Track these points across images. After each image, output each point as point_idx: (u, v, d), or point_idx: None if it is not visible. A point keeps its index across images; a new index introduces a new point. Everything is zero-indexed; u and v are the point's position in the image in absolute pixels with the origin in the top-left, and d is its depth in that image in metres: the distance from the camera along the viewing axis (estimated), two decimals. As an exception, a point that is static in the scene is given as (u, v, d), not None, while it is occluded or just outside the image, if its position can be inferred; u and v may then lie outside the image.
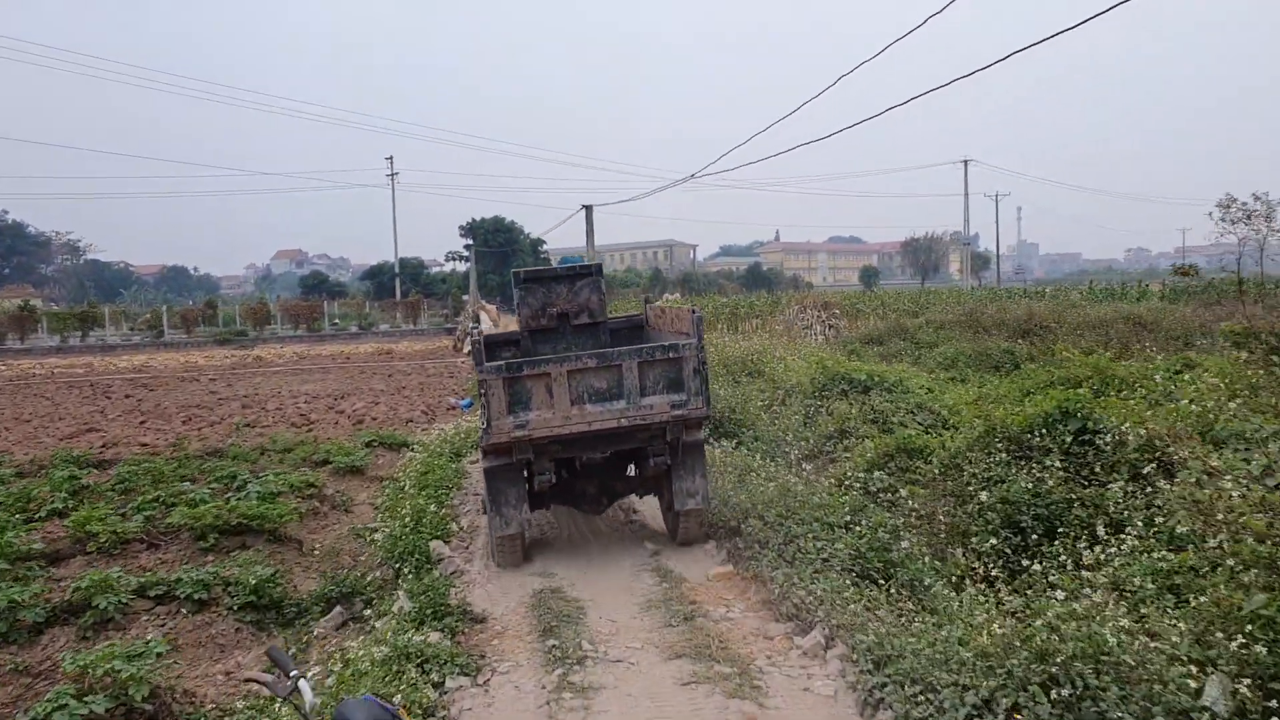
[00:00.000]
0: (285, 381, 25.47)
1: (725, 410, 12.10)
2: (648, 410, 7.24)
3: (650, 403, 7.26)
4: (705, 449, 8.04)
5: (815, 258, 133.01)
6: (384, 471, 12.15)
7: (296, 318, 53.79)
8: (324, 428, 16.23)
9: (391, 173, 75.99)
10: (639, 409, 7.21)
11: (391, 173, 75.99)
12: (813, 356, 18.56)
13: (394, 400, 20.20)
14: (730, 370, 16.94)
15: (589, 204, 20.50)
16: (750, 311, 36.97)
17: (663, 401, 7.30)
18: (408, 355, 34.50)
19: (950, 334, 25.63)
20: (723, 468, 9.68)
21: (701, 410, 7.52)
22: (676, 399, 7.35)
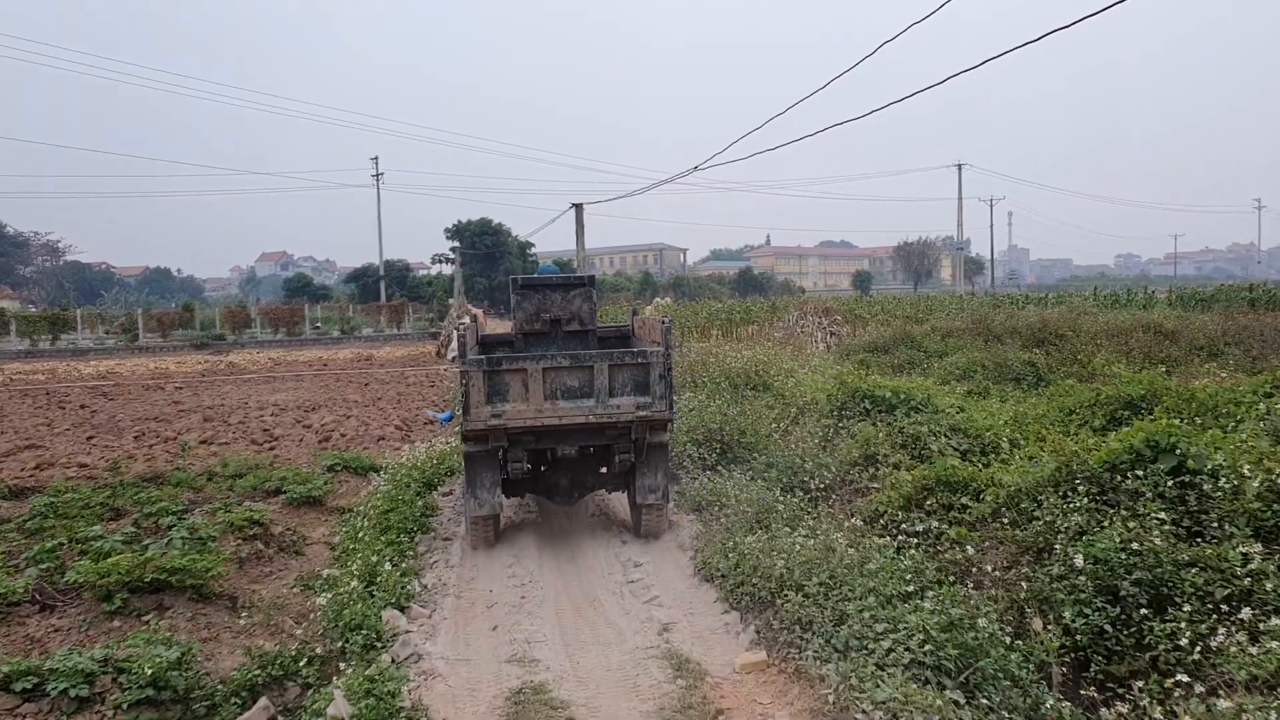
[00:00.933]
0: (255, 390, 23.90)
1: (734, 433, 10.66)
2: (615, 410, 7.72)
3: (618, 403, 7.74)
4: (668, 448, 8.47)
5: (806, 262, 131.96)
6: (346, 501, 10.66)
7: (276, 321, 52.11)
8: (287, 445, 14.71)
9: (376, 173, 74.52)
10: (607, 408, 7.70)
11: (376, 173, 74.52)
12: (826, 370, 17.16)
13: (367, 413, 18.68)
14: (733, 383, 15.51)
15: (579, 202, 19.08)
16: (746, 317, 35.59)
17: (629, 402, 7.78)
18: (388, 362, 32.93)
19: (959, 342, 24.35)
20: (737, 506, 8.23)
21: (665, 413, 7.99)
22: (642, 401, 7.82)
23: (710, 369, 17.07)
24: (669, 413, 8.05)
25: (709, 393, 15.25)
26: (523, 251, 75.20)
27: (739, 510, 7.97)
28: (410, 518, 8.34)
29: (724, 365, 16.64)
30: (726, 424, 10.51)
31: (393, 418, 17.56)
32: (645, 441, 7.93)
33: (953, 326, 26.45)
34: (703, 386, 15.93)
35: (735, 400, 14.69)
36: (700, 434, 10.52)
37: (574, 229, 28.28)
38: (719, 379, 15.96)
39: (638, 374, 7.88)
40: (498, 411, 7.54)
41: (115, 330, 50.83)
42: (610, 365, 7.75)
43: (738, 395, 15.24)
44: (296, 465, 12.17)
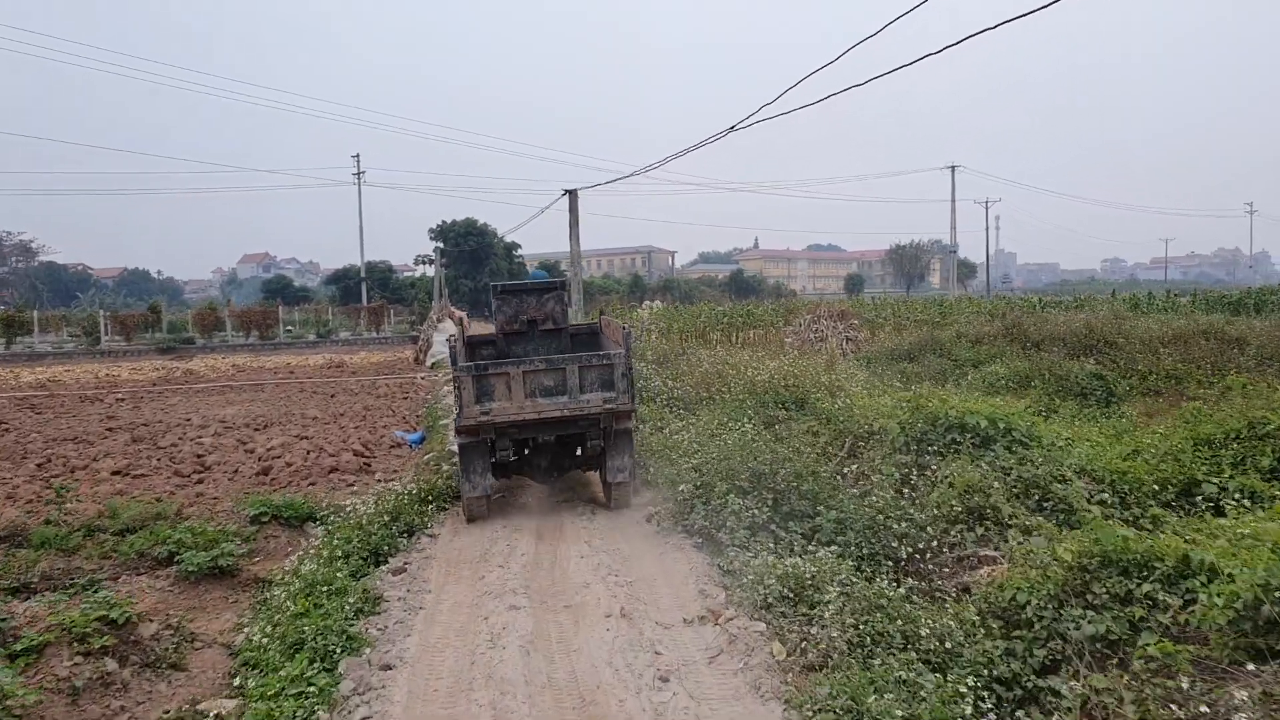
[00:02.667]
0: (206, 403, 20.98)
1: (789, 478, 7.88)
2: (585, 404, 8.75)
3: (587, 398, 8.77)
4: (632, 434, 9.45)
5: (795, 265, 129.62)
6: (271, 565, 7.87)
7: (249, 324, 49.01)
8: (217, 479, 11.88)
9: (358, 171, 71.44)
10: (578, 402, 8.74)
11: (358, 171, 71.44)
12: (857, 379, 14.45)
13: (326, 433, 15.84)
14: (760, 400, 12.79)
15: (572, 188, 16.37)
16: (747, 321, 32.91)
17: (597, 397, 8.80)
18: (362, 368, 30.02)
19: (992, 349, 21.76)
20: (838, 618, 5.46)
21: (628, 405, 9.04)
22: (608, 395, 8.84)
23: (729, 382, 14.36)
24: (631, 405, 9.15)
25: (732, 413, 12.53)
26: (509, 252, 72.29)
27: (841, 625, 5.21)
28: (335, 625, 5.50)
29: (747, 378, 13.93)
30: (779, 465, 7.76)
31: (353, 439, 14.71)
32: (612, 429, 8.99)
33: (982, 332, 23.86)
34: (723, 404, 13.20)
35: (765, 422, 11.99)
36: (744, 478, 7.77)
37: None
38: (742, 395, 13.25)
39: (604, 373, 8.91)
40: (486, 409, 8.58)
41: (78, 333, 47.59)
42: (580, 366, 8.84)
43: (766, 414, 12.54)
44: (215, 512, 9.34)
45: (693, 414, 13.68)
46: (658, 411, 13.53)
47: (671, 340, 28.34)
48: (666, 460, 9.74)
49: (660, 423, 12.59)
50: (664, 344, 22.63)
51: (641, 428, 12.40)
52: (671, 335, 29.11)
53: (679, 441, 10.73)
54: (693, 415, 13.52)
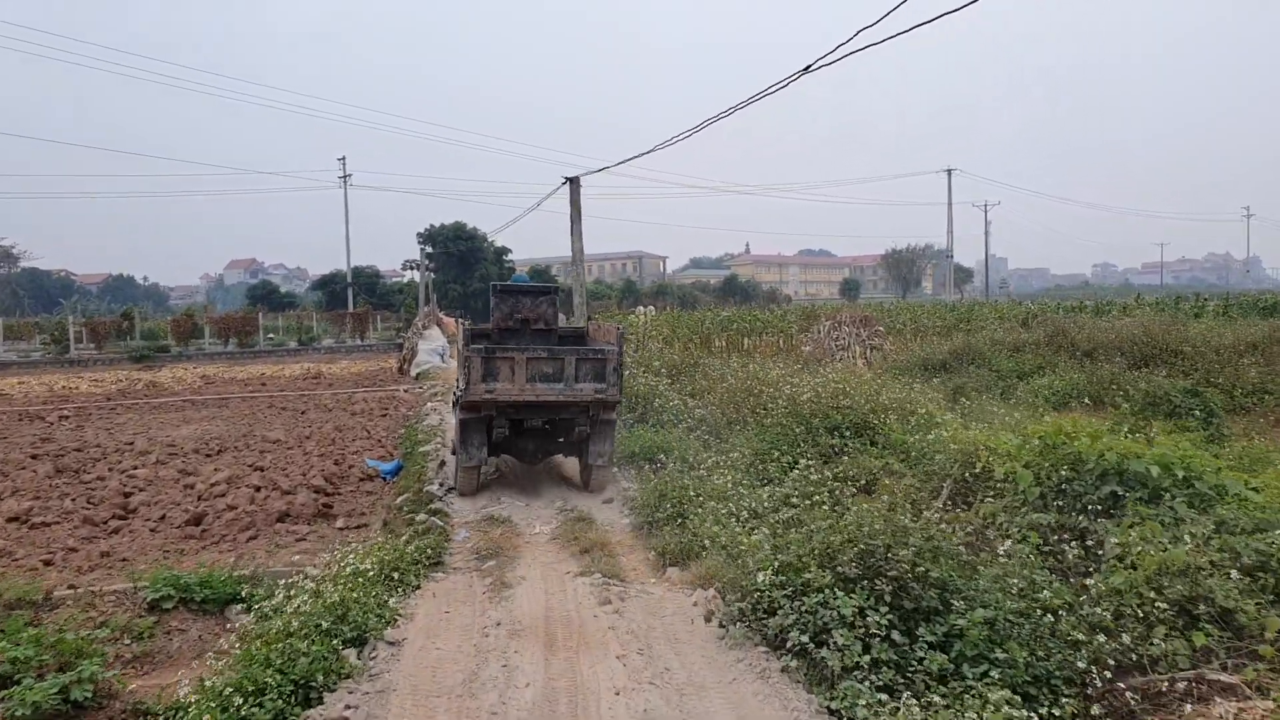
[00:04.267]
0: (159, 421, 18.41)
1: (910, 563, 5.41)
2: (578, 392, 9.36)
3: (580, 387, 9.37)
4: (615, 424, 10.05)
5: (787, 271, 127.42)
6: (163, 683, 5.40)
7: (227, 331, 46.24)
8: (135, 531, 9.38)
9: (344, 174, 68.88)
10: (572, 390, 9.34)
11: (344, 174, 68.88)
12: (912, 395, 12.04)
13: (287, 459, 13.35)
14: (808, 426, 10.40)
15: (573, 175, 13.96)
16: (753, 327, 30.51)
17: (589, 387, 9.40)
18: (341, 379, 27.45)
19: (1037, 358, 19.47)
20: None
21: (616, 397, 9.62)
22: (599, 386, 9.43)
23: (764, 401, 11.94)
24: (619, 397, 9.73)
25: (774, 441, 10.11)
26: (499, 257, 69.70)
27: None
28: None
29: (786, 396, 11.50)
30: (895, 543, 5.29)
31: (316, 471, 12.22)
32: (599, 418, 9.65)
33: (1020, 340, 21.55)
34: (762, 430, 10.79)
35: (821, 455, 9.59)
36: (851, 564, 5.27)
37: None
38: (784, 419, 10.83)
39: (597, 366, 9.45)
40: (490, 388, 9.17)
41: (47, 341, 44.76)
42: (577, 359, 9.40)
43: (818, 445, 10.13)
44: (102, 596, 6.84)
45: (724, 441, 11.27)
46: (682, 439, 11.08)
47: (676, 348, 25.93)
48: (716, 519, 7.30)
49: (690, 456, 10.14)
50: (670, 353, 20.21)
51: (667, 462, 9.99)
52: (674, 342, 26.73)
53: (721, 487, 8.29)
54: (724, 443, 11.10)
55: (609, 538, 7.92)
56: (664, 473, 9.19)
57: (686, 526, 7.44)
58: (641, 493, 8.79)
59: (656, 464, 10.53)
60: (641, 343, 26.75)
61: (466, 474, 9.74)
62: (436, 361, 26.95)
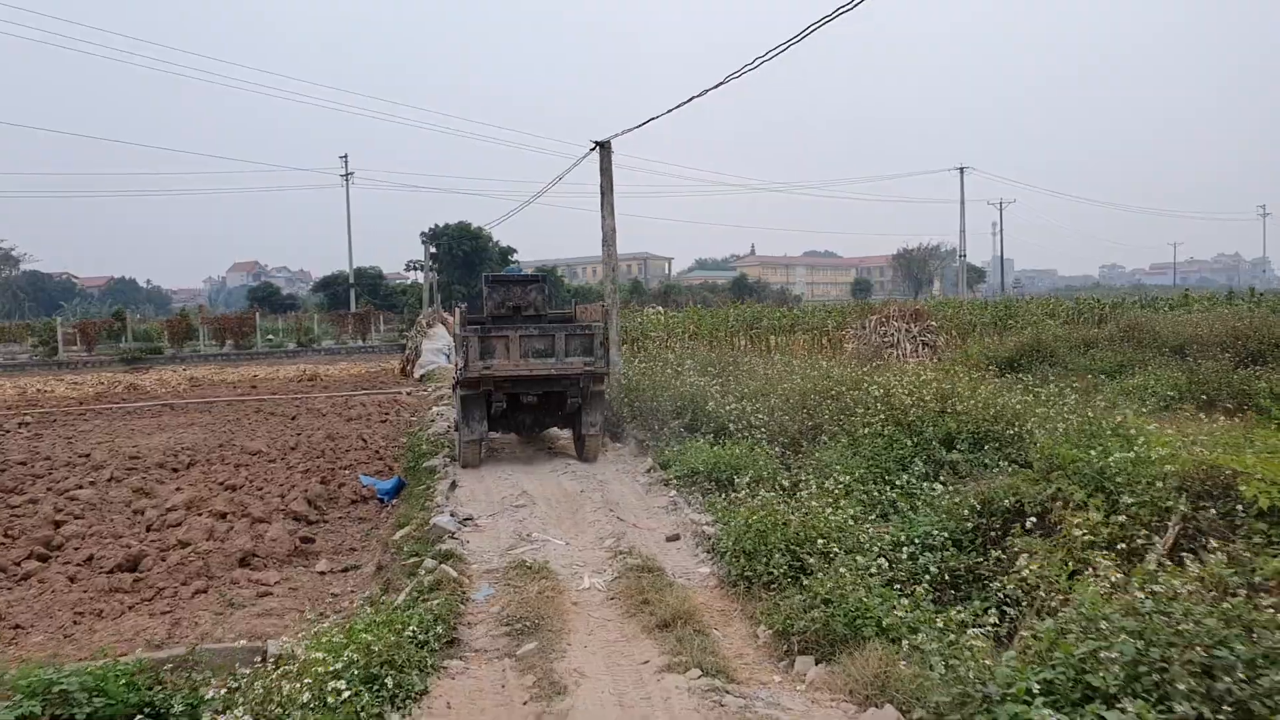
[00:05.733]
0: (132, 428, 16.09)
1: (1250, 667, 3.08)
2: (568, 365, 10.02)
3: (570, 361, 10.05)
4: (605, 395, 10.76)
5: (793, 271, 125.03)
6: None
7: (223, 333, 43.95)
8: (49, 580, 7.06)
9: (346, 172, 66.66)
10: (563, 364, 10.02)
11: (346, 172, 66.66)
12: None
13: (268, 475, 11.04)
14: (914, 432, 8.11)
15: (602, 139, 11.62)
16: (781, 325, 28.14)
17: (578, 361, 10.07)
18: (338, 381, 25.11)
19: (1115, 355, 17.19)
20: None
21: (603, 369, 10.38)
22: (588, 360, 10.12)
23: (850, 405, 9.59)
24: (606, 369, 10.52)
25: (876, 456, 7.81)
26: (505, 257, 67.39)
27: None
28: None
29: (882, 400, 9.16)
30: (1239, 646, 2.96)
31: (298, 490, 9.89)
32: (589, 390, 10.25)
33: (1090, 335, 19.24)
34: (861, 443, 8.46)
35: (949, 470, 7.29)
36: (1188, 695, 2.92)
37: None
38: (883, 427, 8.51)
39: (585, 341, 10.19)
40: (488, 365, 9.87)
41: (37, 344, 42.50)
42: (566, 335, 10.17)
43: (933, 459, 7.84)
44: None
45: (804, 455, 8.93)
46: (753, 454, 8.72)
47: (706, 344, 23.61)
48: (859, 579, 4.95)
49: (770, 474, 7.81)
50: (706, 350, 17.90)
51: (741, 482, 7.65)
52: (700, 339, 24.43)
53: (841, 523, 5.96)
54: (806, 458, 8.77)
55: (691, 600, 5.57)
56: (751, 501, 6.85)
57: (811, 589, 5.09)
58: (726, 530, 6.46)
59: (726, 486, 8.23)
60: (667, 340, 24.48)
61: (469, 447, 10.33)
62: (442, 361, 24.58)
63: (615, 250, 12.89)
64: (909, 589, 5.02)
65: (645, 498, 8.35)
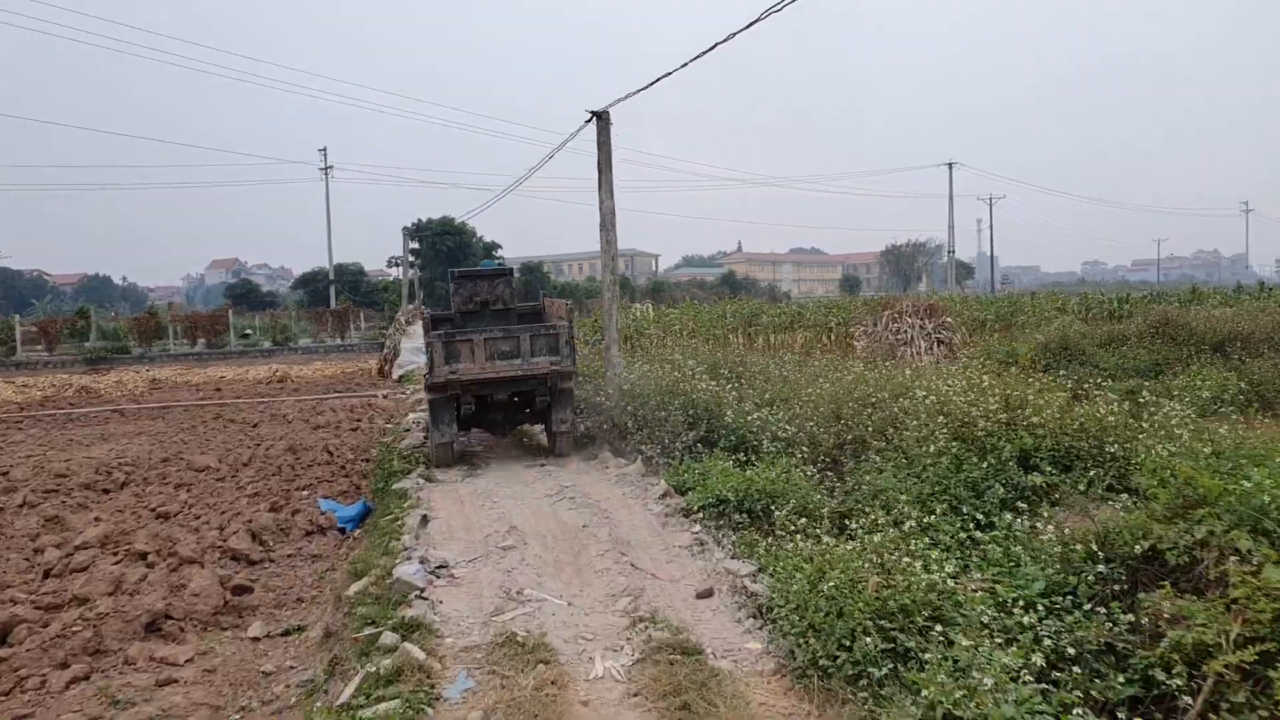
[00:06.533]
0: (70, 437, 14.33)
1: None
2: (535, 365, 10.03)
3: (536, 361, 10.04)
4: (573, 392, 10.55)
5: (780, 269, 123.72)
6: None
7: (195, 331, 42.00)
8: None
9: (325, 165, 64.75)
10: (529, 364, 10.02)
11: (325, 165, 64.75)
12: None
13: (210, 499, 9.38)
14: (993, 454, 6.59)
15: (600, 109, 10.02)
16: (782, 322, 26.61)
17: (545, 360, 10.06)
18: (310, 383, 23.33)
19: (1149, 352, 15.84)
20: None
21: (570, 367, 10.25)
22: (554, 359, 10.09)
23: (899, 416, 8.04)
24: (572, 367, 10.35)
25: (964, 488, 6.29)
26: (489, 253, 65.59)
27: None
28: None
29: (938, 409, 7.61)
30: None
31: (241, 519, 8.23)
32: (557, 387, 10.23)
33: (1118, 332, 17.81)
34: (922, 465, 6.91)
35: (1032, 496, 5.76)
36: None
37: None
38: (952, 445, 6.97)
39: (550, 340, 10.15)
40: (453, 369, 9.81)
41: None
42: (531, 335, 10.12)
43: (1012, 484, 6.33)
44: None
45: (854, 478, 7.36)
46: (790, 476, 7.15)
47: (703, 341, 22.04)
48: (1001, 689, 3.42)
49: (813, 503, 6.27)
50: (710, 350, 16.32)
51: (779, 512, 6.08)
52: (698, 337, 22.88)
53: (936, 583, 4.42)
54: (850, 480, 7.22)
55: (748, 702, 3.99)
56: (802, 545, 5.27)
57: (925, 692, 3.53)
58: (778, 587, 4.89)
59: (761, 518, 6.67)
60: (664, 338, 22.91)
61: (440, 449, 10.22)
62: (421, 361, 22.86)
63: (615, 236, 11.28)
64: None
65: (662, 533, 6.77)
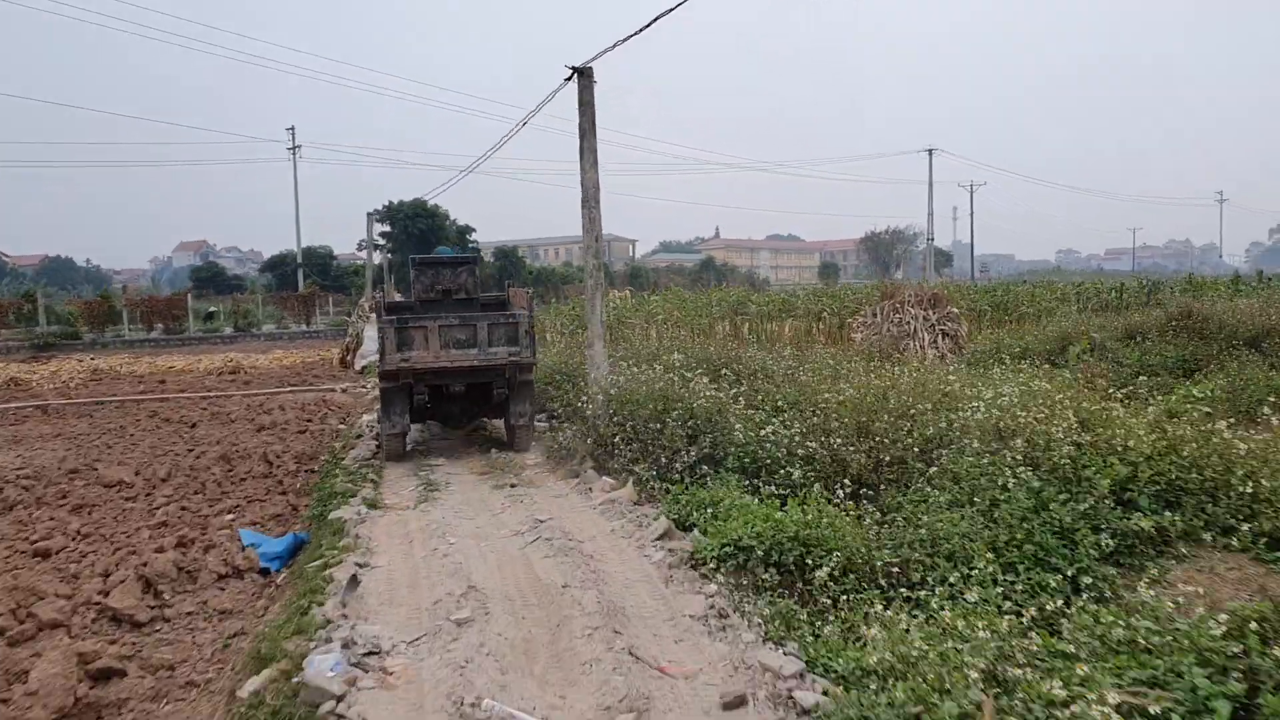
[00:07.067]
0: (-23, 441, 12.51)
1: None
2: (492, 356, 9.59)
3: (495, 351, 9.61)
4: (533, 385, 10.33)
5: (758, 255, 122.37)
6: None
7: (152, 316, 39.80)
8: None
9: (293, 145, 62.15)
10: (486, 354, 9.57)
11: (293, 145, 62.15)
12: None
13: (109, 528, 7.68)
14: (1088, 494, 5.06)
15: (581, 66, 8.35)
16: (767, 312, 25.09)
17: (503, 350, 9.65)
18: (264, 375, 21.46)
19: (1174, 348, 14.54)
20: None
21: (530, 359, 9.89)
22: (513, 349, 9.69)
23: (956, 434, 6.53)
24: (532, 358, 9.99)
25: (1056, 540, 4.79)
26: (462, 236, 63.55)
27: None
28: None
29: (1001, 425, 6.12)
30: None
31: (140, 560, 6.58)
32: (516, 380, 9.81)
33: (1136, 324, 16.48)
34: (981, 493, 5.41)
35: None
36: None
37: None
38: (1013, 470, 5.47)
39: (509, 330, 9.72)
40: (406, 357, 9.35)
41: (-64, 328, 37.94)
42: (489, 324, 9.68)
43: (1119, 536, 4.84)
44: None
45: (903, 515, 5.85)
46: (838, 520, 5.61)
47: (689, 331, 20.47)
48: None
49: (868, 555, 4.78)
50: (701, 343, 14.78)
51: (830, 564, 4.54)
52: (684, 326, 21.31)
53: None
54: (905, 517, 5.72)
55: None
56: (873, 633, 3.75)
57: None
58: (850, 712, 3.36)
59: (795, 574, 5.15)
60: (645, 328, 21.33)
61: (391, 441, 9.86)
62: (386, 352, 21.15)
63: (599, 214, 9.66)
64: None
65: (666, 594, 5.20)
